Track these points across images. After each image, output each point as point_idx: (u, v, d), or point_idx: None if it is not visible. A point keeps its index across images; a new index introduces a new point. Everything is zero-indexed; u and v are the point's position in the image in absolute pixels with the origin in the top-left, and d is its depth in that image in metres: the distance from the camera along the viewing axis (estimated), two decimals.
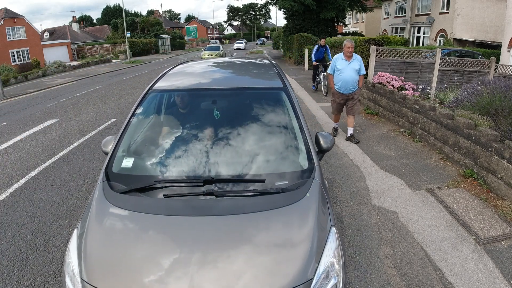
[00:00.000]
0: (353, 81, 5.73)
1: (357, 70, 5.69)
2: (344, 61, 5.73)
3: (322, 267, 1.64)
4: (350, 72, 5.68)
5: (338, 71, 5.77)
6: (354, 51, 5.95)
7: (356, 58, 5.73)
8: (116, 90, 13.11)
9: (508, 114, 4.48)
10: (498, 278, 2.72)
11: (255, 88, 2.87)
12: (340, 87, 5.86)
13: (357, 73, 5.71)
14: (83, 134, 7.09)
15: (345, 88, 5.80)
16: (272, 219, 1.79)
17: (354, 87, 5.81)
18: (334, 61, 5.90)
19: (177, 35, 55.10)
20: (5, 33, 29.30)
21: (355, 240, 3.23)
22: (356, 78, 5.74)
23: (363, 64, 5.77)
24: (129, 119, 2.55)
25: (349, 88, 5.79)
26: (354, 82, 5.75)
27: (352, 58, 5.71)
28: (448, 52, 12.70)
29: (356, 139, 6.04)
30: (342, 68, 5.71)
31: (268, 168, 2.17)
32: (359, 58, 5.79)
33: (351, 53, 5.67)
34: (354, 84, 5.77)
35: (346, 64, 5.71)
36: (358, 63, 5.71)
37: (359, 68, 5.70)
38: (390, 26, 27.51)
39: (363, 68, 5.79)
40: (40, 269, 2.93)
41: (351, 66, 5.69)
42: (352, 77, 5.70)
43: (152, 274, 1.56)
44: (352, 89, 5.81)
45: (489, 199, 3.89)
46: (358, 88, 5.89)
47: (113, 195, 1.97)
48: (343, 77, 5.74)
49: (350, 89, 5.80)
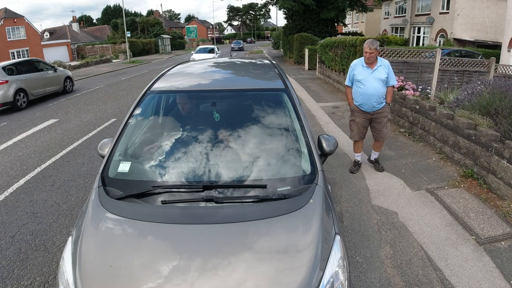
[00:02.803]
0: (378, 95, 4.29)
1: (383, 80, 4.26)
2: (365, 68, 4.30)
3: (327, 277, 1.58)
4: (374, 83, 4.26)
5: (358, 82, 4.35)
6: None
7: (382, 64, 4.29)
8: (116, 90, 13.11)
9: (508, 114, 4.48)
10: (498, 278, 2.72)
11: (255, 89, 2.81)
12: (361, 104, 4.42)
13: (383, 84, 4.28)
14: (83, 134, 7.09)
15: (368, 105, 4.37)
16: (274, 227, 1.74)
17: (380, 103, 4.36)
18: (352, 69, 4.42)
19: (177, 35, 55.11)
20: (5, 33, 29.32)
21: (355, 240, 3.23)
22: (382, 91, 4.30)
23: (392, 72, 4.35)
24: (126, 122, 2.49)
25: (372, 105, 4.35)
26: (379, 97, 4.30)
27: (376, 65, 4.27)
28: (448, 52, 12.71)
29: (381, 166, 4.77)
30: (363, 79, 4.29)
31: (270, 173, 2.11)
32: (386, 64, 4.33)
33: (373, 59, 4.23)
34: (380, 98, 4.32)
35: (368, 73, 4.28)
36: (385, 70, 4.28)
37: (386, 77, 4.27)
38: (390, 26, 27.52)
39: (393, 77, 4.35)
40: (40, 269, 2.93)
41: (374, 75, 4.25)
42: (377, 89, 4.26)
43: (151, 282, 1.51)
44: (377, 106, 4.36)
45: (489, 199, 3.89)
46: (386, 104, 4.43)
47: (109, 201, 1.91)
48: (364, 91, 4.30)
49: (374, 106, 4.35)
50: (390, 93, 4.41)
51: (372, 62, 4.26)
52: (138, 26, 49.61)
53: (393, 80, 4.35)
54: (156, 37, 45.98)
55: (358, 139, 4.65)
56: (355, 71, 4.37)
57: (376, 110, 4.40)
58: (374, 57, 4.21)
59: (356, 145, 4.77)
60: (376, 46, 4.12)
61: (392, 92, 4.45)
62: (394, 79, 4.38)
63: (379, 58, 4.32)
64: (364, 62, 4.30)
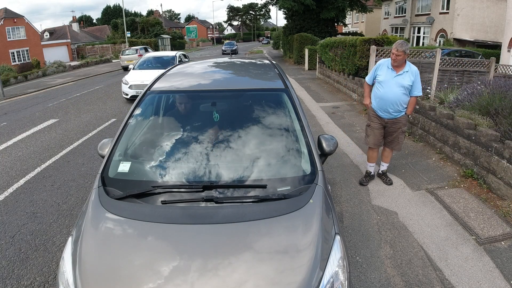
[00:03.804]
0: (397, 102, 3.88)
1: (406, 87, 3.84)
2: (390, 70, 3.89)
3: (327, 277, 1.58)
4: (395, 88, 3.84)
5: (378, 83, 3.99)
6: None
7: (409, 70, 3.84)
8: (116, 90, 13.10)
9: (508, 114, 4.48)
10: (498, 278, 2.72)
11: (255, 89, 2.81)
12: (377, 107, 4.06)
13: (405, 91, 3.85)
14: (83, 134, 7.09)
15: (383, 109, 3.99)
16: (274, 227, 1.74)
17: (398, 112, 3.95)
18: (376, 68, 4.04)
19: (177, 35, 55.08)
20: (5, 33, 29.30)
21: (355, 240, 3.23)
22: (402, 99, 3.88)
23: (419, 80, 3.89)
24: (126, 122, 2.49)
25: (388, 111, 3.96)
26: (398, 104, 3.89)
27: (402, 69, 3.85)
28: (448, 52, 12.69)
29: (389, 179, 4.36)
30: (384, 81, 3.90)
31: (270, 173, 2.11)
32: (414, 70, 3.87)
33: (400, 62, 3.81)
34: (398, 106, 3.91)
35: (391, 76, 3.88)
36: (411, 78, 3.83)
37: (411, 84, 3.83)
38: (390, 26, 27.52)
39: (419, 87, 3.88)
40: (40, 269, 2.93)
41: (398, 80, 3.84)
42: (397, 95, 3.86)
43: (151, 282, 1.51)
44: (394, 113, 3.96)
45: (489, 199, 3.89)
46: (405, 115, 4.01)
47: (109, 201, 1.91)
48: (382, 94, 3.92)
49: (390, 112, 3.96)
50: (412, 104, 3.97)
51: (399, 66, 3.85)
52: (138, 26, 49.61)
53: (418, 90, 3.88)
54: (156, 37, 45.97)
55: (373, 146, 4.23)
56: (379, 71, 3.99)
57: (392, 119, 4.00)
58: (401, 60, 3.78)
59: (370, 154, 4.32)
60: (405, 49, 3.70)
61: (414, 103, 3.99)
62: (420, 89, 3.89)
63: (408, 63, 3.88)
64: (390, 64, 3.89)
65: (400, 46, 3.71)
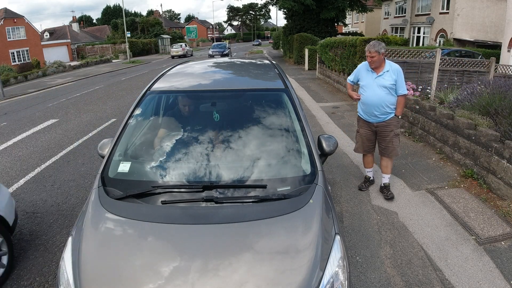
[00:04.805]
0: (382, 104, 3.71)
1: (389, 87, 3.66)
2: (370, 73, 3.75)
3: (327, 277, 1.58)
4: (377, 89, 3.69)
5: (361, 88, 3.88)
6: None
7: (390, 70, 3.67)
8: (116, 90, 13.11)
9: (508, 114, 4.48)
10: (498, 278, 2.72)
11: (255, 89, 2.81)
12: (363, 112, 3.94)
13: (388, 92, 3.68)
14: (83, 134, 7.09)
15: (369, 113, 3.84)
16: (274, 227, 1.74)
17: (385, 114, 3.77)
18: (357, 72, 3.92)
19: (177, 35, 55.12)
20: (5, 33, 29.32)
21: (355, 240, 3.23)
22: (387, 100, 3.70)
23: (402, 78, 3.70)
24: (126, 122, 2.49)
25: (375, 115, 3.80)
26: (384, 106, 3.72)
27: (382, 70, 3.68)
28: (448, 52, 12.69)
29: (390, 194, 4.01)
30: (365, 85, 3.79)
31: (270, 173, 2.11)
32: (395, 69, 3.68)
33: (377, 64, 3.66)
34: (385, 108, 3.73)
35: (371, 78, 3.73)
36: (392, 77, 3.65)
37: (393, 83, 3.66)
38: (390, 26, 27.51)
39: (402, 85, 3.69)
40: (40, 269, 2.93)
41: (378, 81, 3.68)
42: (380, 97, 3.69)
43: (151, 282, 1.51)
44: (382, 116, 3.78)
45: (489, 199, 3.89)
46: (394, 116, 3.80)
47: (109, 202, 1.91)
48: (365, 98, 3.80)
49: (377, 116, 3.79)
50: (401, 104, 3.75)
51: (377, 67, 3.68)
52: (138, 26, 49.63)
53: (402, 89, 3.69)
54: (156, 37, 46.02)
55: (362, 152, 4.12)
56: (360, 75, 3.88)
57: (380, 122, 3.82)
58: (377, 61, 3.62)
59: (364, 160, 4.24)
60: (377, 49, 3.55)
61: (403, 103, 3.78)
62: (404, 87, 3.71)
63: (388, 62, 3.72)
64: (369, 66, 3.76)
65: (372, 47, 3.57)
